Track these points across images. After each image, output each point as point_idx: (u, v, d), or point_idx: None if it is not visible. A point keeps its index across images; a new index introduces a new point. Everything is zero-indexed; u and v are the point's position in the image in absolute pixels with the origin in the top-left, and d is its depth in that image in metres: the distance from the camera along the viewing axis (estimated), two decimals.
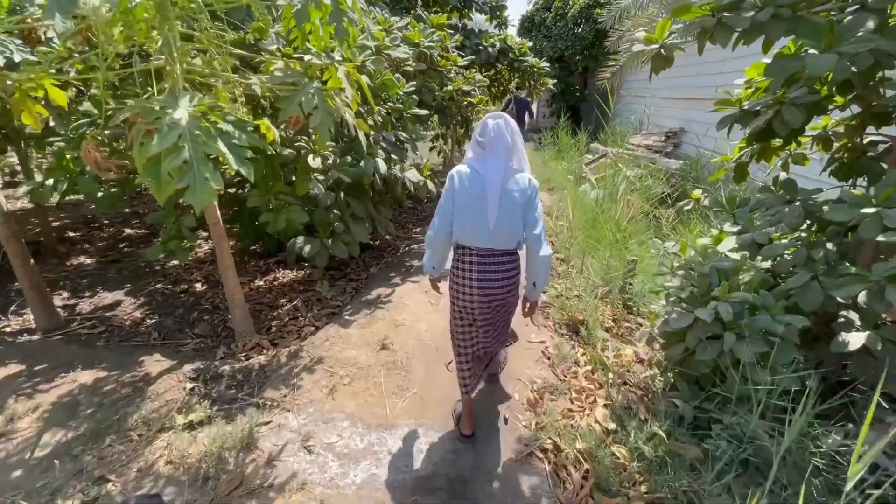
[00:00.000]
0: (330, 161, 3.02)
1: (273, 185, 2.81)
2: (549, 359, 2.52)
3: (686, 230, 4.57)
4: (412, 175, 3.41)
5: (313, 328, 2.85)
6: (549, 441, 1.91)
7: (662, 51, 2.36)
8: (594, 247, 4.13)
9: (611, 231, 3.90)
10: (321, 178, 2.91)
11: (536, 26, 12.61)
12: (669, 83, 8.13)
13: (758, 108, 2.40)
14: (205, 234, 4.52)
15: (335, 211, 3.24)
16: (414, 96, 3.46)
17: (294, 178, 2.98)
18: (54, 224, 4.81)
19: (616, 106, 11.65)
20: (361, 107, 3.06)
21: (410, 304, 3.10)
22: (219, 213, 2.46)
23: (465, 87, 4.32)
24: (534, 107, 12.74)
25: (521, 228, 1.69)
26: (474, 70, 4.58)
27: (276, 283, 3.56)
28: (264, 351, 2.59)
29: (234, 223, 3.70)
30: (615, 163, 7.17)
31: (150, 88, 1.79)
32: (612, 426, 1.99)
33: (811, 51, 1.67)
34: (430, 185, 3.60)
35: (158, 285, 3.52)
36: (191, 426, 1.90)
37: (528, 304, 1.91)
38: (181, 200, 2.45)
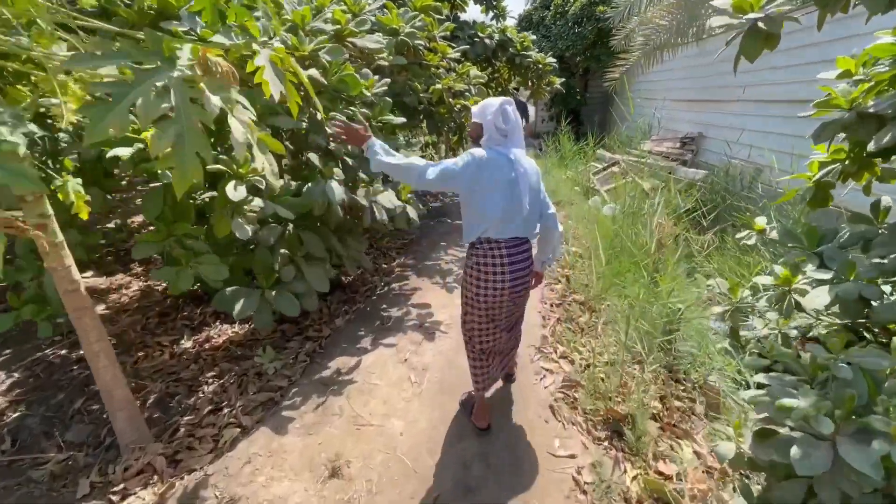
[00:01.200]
0: (265, 186, 2.16)
1: (176, 225, 1.94)
2: (584, 492, 1.66)
3: (723, 259, 3.75)
4: (386, 199, 2.56)
5: (238, 428, 1.98)
6: None
7: (762, 24, 1.53)
8: (619, 284, 3.30)
9: (644, 269, 3.07)
10: (252, 212, 2.05)
11: (535, 25, 11.86)
12: (685, 83, 7.36)
13: (889, 110, 1.58)
14: (125, 272, 3.65)
15: (282, 251, 2.38)
16: (387, 98, 2.62)
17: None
18: None
19: (622, 109, 10.88)
20: (306, 109, 2.21)
21: (381, 385, 2.24)
22: (77, 274, 1.60)
23: (458, 87, 3.49)
24: (532, 110, 11.97)
25: (539, 212, 1.74)
26: (469, 64, 3.77)
27: (208, 344, 2.69)
28: (154, 479, 1.71)
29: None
30: (630, 172, 6.38)
31: None
32: None
33: None
34: (411, 212, 2.75)
35: (49, 350, 2.63)
36: None
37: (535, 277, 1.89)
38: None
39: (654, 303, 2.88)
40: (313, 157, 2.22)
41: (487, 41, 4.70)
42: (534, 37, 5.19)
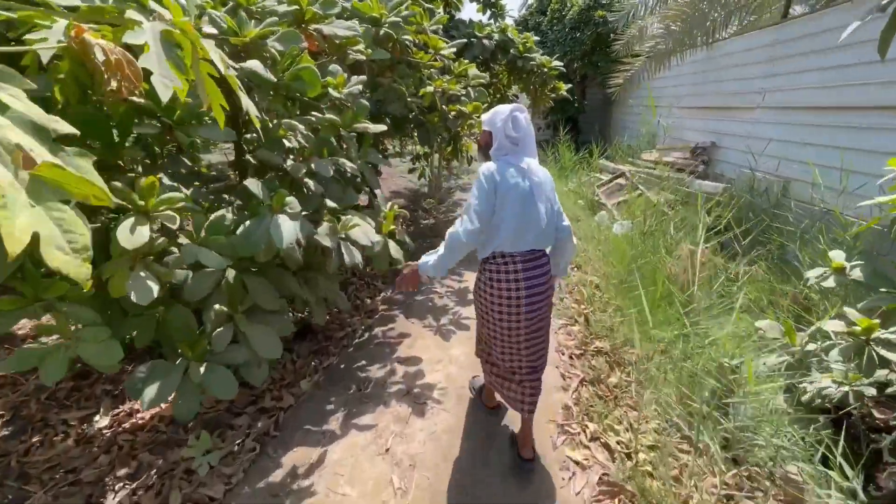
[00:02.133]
0: (183, 226, 1.56)
1: (48, 283, 1.33)
2: None
3: (759, 290, 3.21)
4: (360, 233, 1.96)
5: None
6: None
7: None
8: (646, 323, 2.73)
9: (681, 306, 2.50)
10: (165, 261, 1.44)
11: (530, 31, 11.43)
12: (694, 90, 6.89)
13: None
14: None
15: (217, 307, 1.77)
16: (362, 101, 2.04)
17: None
18: None
19: (623, 117, 10.45)
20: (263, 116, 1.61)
21: (352, 495, 1.61)
22: None
23: (453, 89, 2.91)
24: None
25: (555, 223, 1.65)
26: (466, 62, 3.19)
27: (130, 422, 2.06)
28: None
29: None
30: (638, 184, 5.87)
31: None
32: None
33: None
34: (395, 250, 2.15)
35: None
36: None
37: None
38: None
39: (698, 355, 2.32)
40: (251, 184, 1.62)
41: (486, 42, 4.16)
42: (536, 38, 4.67)
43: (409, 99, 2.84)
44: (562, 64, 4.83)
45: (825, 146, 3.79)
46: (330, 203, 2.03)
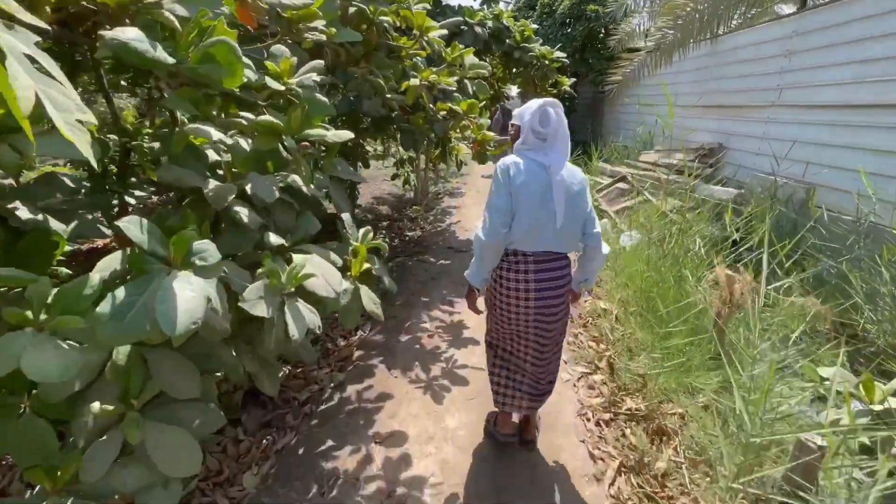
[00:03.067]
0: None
1: None
2: None
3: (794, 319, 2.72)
4: (319, 284, 1.38)
5: None
6: None
7: None
8: (678, 368, 2.23)
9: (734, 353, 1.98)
10: None
11: None
12: (699, 86, 6.46)
13: None
14: None
15: (96, 406, 1.17)
16: (319, 97, 1.45)
17: None
18: None
19: (617, 116, 10.02)
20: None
21: None
22: None
23: (444, 82, 2.33)
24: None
25: (581, 228, 1.55)
26: (460, 47, 2.60)
27: None
28: None
29: None
30: (642, 189, 5.41)
31: None
32: None
33: None
34: (368, 300, 1.57)
35: None
36: None
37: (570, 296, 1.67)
38: None
39: (764, 424, 1.80)
40: (127, 224, 1.01)
41: (478, 29, 3.59)
42: (535, 26, 4.12)
43: (388, 95, 2.25)
44: (564, 55, 4.29)
45: (867, 150, 3.34)
46: (274, 239, 1.44)
